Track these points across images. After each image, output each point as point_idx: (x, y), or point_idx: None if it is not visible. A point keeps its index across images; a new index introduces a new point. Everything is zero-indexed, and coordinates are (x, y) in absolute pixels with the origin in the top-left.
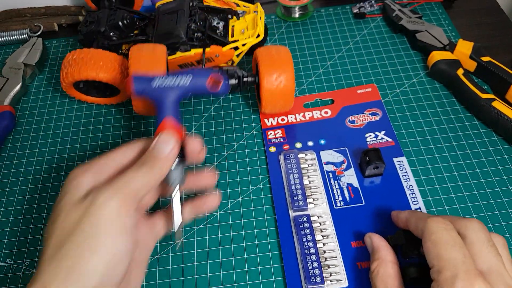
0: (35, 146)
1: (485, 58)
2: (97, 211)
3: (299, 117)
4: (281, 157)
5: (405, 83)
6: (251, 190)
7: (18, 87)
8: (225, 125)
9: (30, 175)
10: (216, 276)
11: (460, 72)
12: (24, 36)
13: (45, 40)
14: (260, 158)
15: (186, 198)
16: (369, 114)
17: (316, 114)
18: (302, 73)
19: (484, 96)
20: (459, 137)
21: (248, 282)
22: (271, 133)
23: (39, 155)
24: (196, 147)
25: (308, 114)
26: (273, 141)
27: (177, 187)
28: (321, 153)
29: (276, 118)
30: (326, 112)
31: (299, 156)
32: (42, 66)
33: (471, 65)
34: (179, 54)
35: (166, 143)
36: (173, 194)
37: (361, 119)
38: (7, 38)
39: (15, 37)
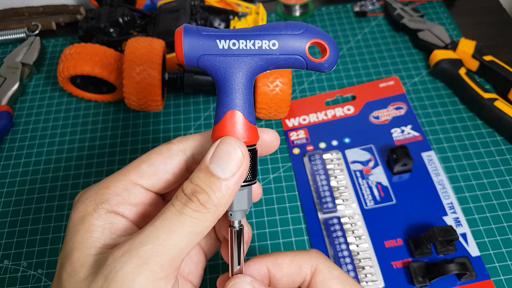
0: (33, 146)
1: (488, 57)
2: None
3: (321, 116)
4: (306, 159)
5: (406, 82)
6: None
7: (15, 86)
8: None
9: (28, 175)
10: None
11: (462, 71)
12: (22, 35)
13: (43, 39)
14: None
15: None
16: (394, 108)
17: (339, 111)
18: (302, 72)
19: (486, 95)
20: (460, 137)
21: None
22: (293, 134)
23: (37, 155)
24: (273, 143)
25: (330, 112)
26: (296, 143)
27: (239, 220)
28: (347, 152)
29: (297, 118)
30: (348, 109)
31: (324, 156)
32: (40, 65)
33: (473, 64)
34: None
35: (229, 159)
36: (235, 224)
37: (385, 114)
38: (4, 37)
39: (13, 36)
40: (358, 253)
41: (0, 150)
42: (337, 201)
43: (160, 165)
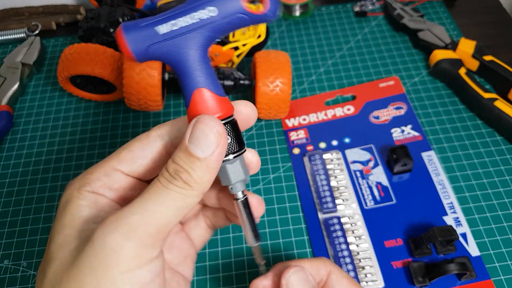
0: (33, 146)
1: (488, 57)
2: (106, 257)
3: (321, 116)
4: (306, 159)
5: (406, 82)
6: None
7: (15, 86)
8: None
9: (28, 176)
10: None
11: (462, 71)
12: (22, 35)
13: (43, 39)
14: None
15: None
16: (394, 108)
17: (339, 111)
18: (302, 72)
19: (486, 95)
20: (460, 137)
21: None
22: (293, 134)
23: (37, 155)
24: (249, 114)
25: (330, 112)
26: (296, 143)
27: (241, 190)
28: (347, 152)
29: (297, 118)
30: (348, 109)
31: (324, 156)
32: (40, 65)
33: (474, 64)
34: None
35: (205, 138)
36: (239, 196)
37: (385, 114)
38: (4, 37)
39: (13, 36)
40: (358, 253)
41: (0, 150)
42: (337, 201)
43: (138, 151)
